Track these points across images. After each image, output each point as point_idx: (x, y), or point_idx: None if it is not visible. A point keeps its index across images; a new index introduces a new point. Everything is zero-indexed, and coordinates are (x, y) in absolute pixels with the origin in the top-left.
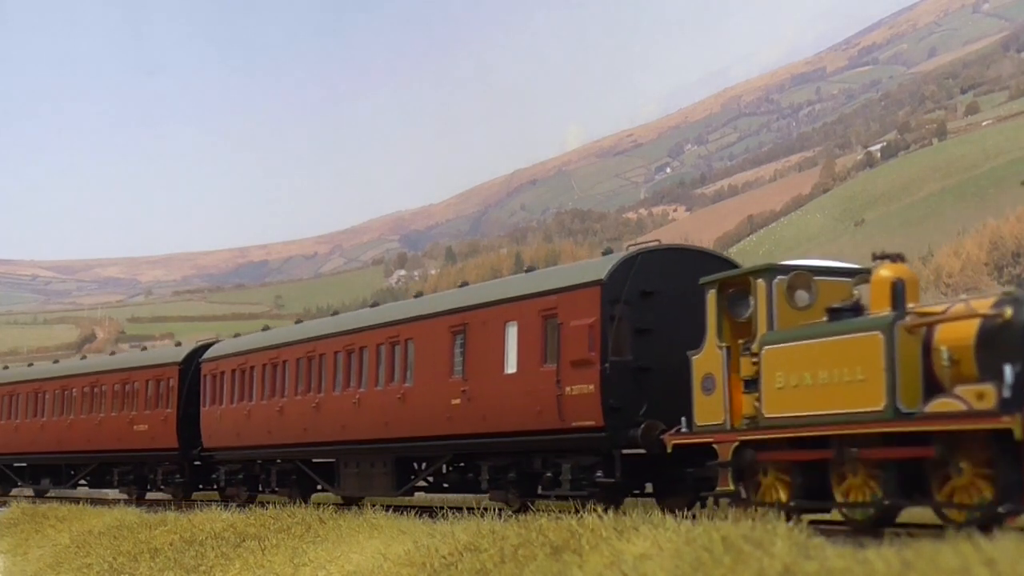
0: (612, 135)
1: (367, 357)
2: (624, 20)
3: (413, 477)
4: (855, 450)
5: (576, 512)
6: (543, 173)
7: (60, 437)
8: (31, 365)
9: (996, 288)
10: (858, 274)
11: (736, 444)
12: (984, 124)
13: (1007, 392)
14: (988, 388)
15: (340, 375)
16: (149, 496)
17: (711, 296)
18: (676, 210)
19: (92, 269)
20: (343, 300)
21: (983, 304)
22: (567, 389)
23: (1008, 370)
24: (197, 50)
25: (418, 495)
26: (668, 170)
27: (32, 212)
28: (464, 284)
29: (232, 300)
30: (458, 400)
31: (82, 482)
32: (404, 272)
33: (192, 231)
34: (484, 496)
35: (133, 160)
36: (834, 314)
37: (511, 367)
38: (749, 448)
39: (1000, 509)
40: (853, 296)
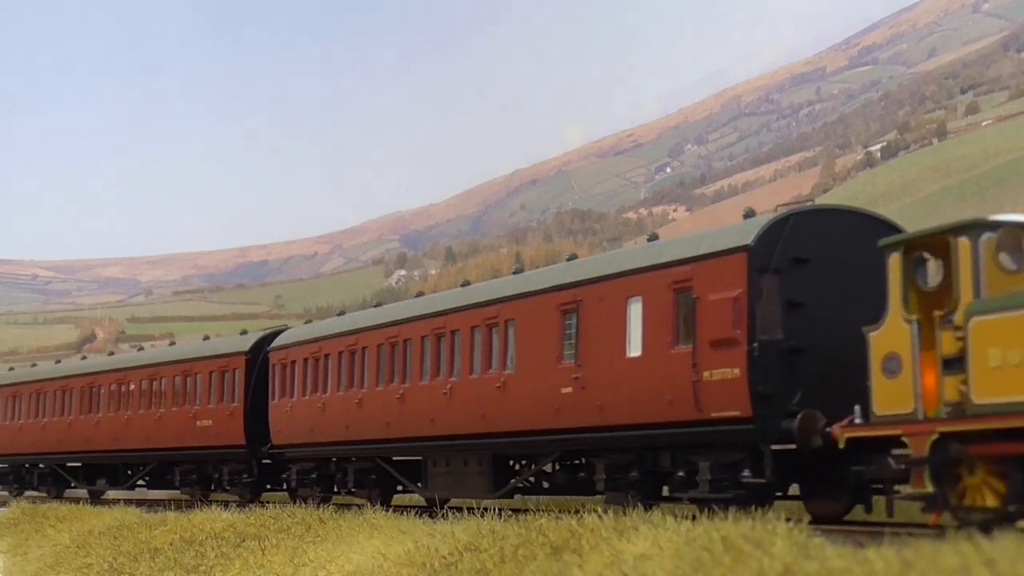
0: (612, 135)
1: (460, 342)
2: (624, 20)
3: (514, 477)
4: None
5: (576, 512)
6: (543, 173)
7: (116, 435)
8: (84, 358)
9: None
10: None
11: (935, 437)
12: (984, 124)
13: None
14: None
15: (428, 362)
16: (213, 497)
17: (894, 260)
18: (676, 210)
19: (92, 269)
20: (343, 300)
21: None
22: (705, 374)
23: None
24: (197, 50)
25: (519, 497)
26: (668, 170)
27: (32, 212)
28: (572, 257)
29: (232, 300)
30: (569, 389)
31: (140, 482)
32: (404, 272)
33: (192, 231)
34: (597, 498)
35: (133, 160)
36: None
37: (635, 350)
38: (953, 441)
39: None
40: None
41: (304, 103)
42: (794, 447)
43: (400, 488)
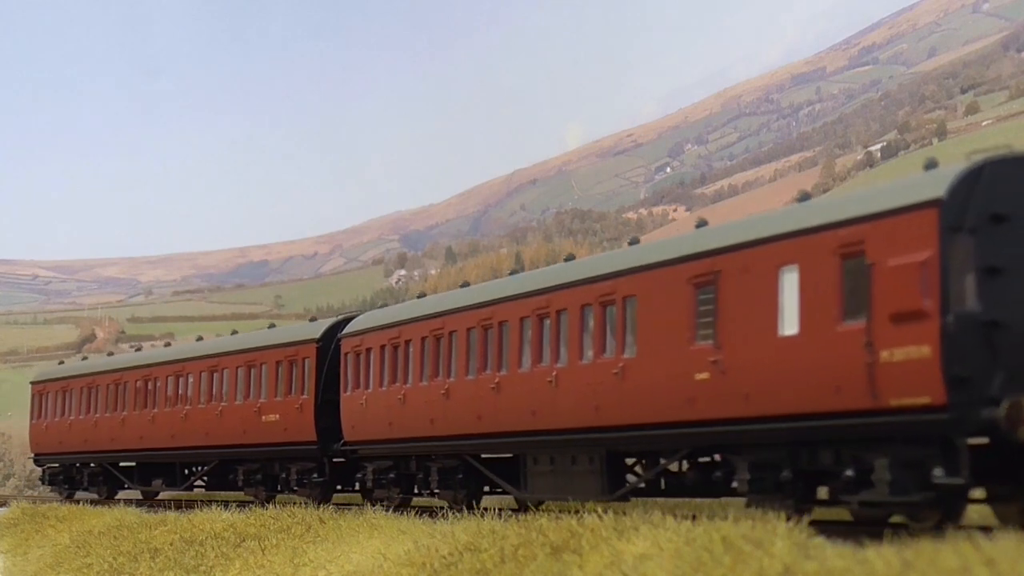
0: (612, 135)
1: (567, 322)
2: (624, 20)
3: (632, 476)
4: None
5: (576, 512)
6: (543, 173)
7: (174, 431)
8: (139, 350)
9: None
10: None
11: None
12: (984, 124)
13: None
14: None
15: (528, 347)
16: (280, 499)
17: None
18: (676, 210)
19: (92, 269)
20: (343, 300)
21: None
22: (883, 354)
23: None
24: (197, 50)
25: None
26: (668, 170)
27: (32, 212)
28: (702, 224)
29: (232, 300)
30: (705, 374)
31: (199, 483)
32: (404, 272)
33: (192, 231)
34: (737, 500)
35: (133, 160)
36: None
37: (789, 327)
38: None
39: None
40: None
41: (304, 103)
42: (987, 442)
43: (493, 489)
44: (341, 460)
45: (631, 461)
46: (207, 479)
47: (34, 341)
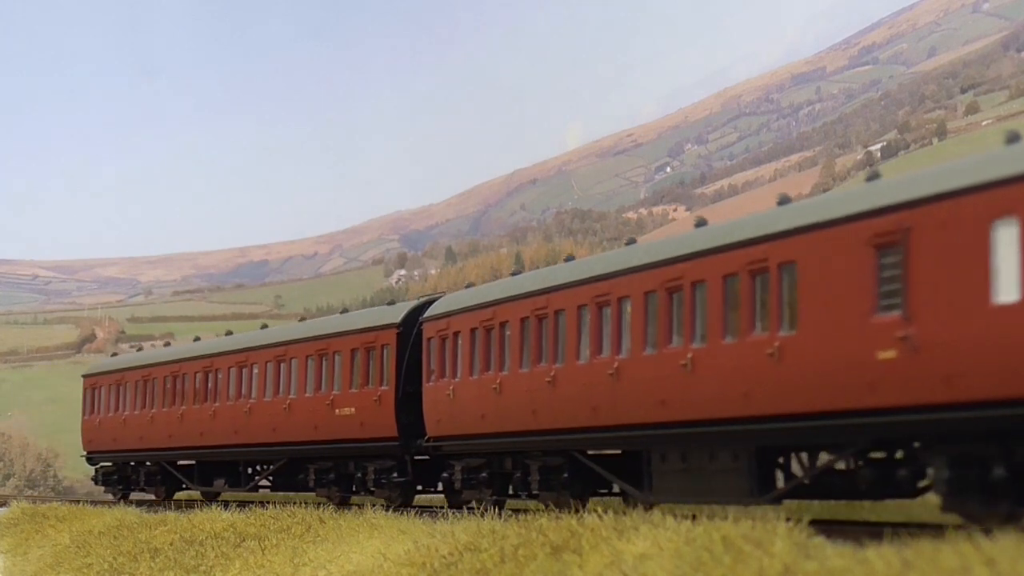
0: (612, 135)
1: (704, 296)
2: (624, 20)
3: (786, 474)
4: None
5: (576, 512)
6: (543, 173)
7: (237, 427)
8: (197, 339)
9: None
10: None
11: None
12: (984, 124)
13: None
14: None
15: (654, 326)
16: (355, 501)
17: None
18: (676, 210)
19: (92, 269)
20: (343, 300)
21: None
22: None
23: None
24: (197, 50)
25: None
26: (668, 170)
27: (32, 212)
28: (702, 223)
29: (232, 300)
30: (891, 352)
31: (264, 482)
32: (404, 272)
33: (192, 231)
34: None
35: (132, 160)
36: None
37: (1008, 293)
38: None
39: None
40: None
41: (304, 103)
42: None
43: (609, 489)
44: (424, 458)
45: (793, 457)
46: (273, 479)
47: (34, 341)
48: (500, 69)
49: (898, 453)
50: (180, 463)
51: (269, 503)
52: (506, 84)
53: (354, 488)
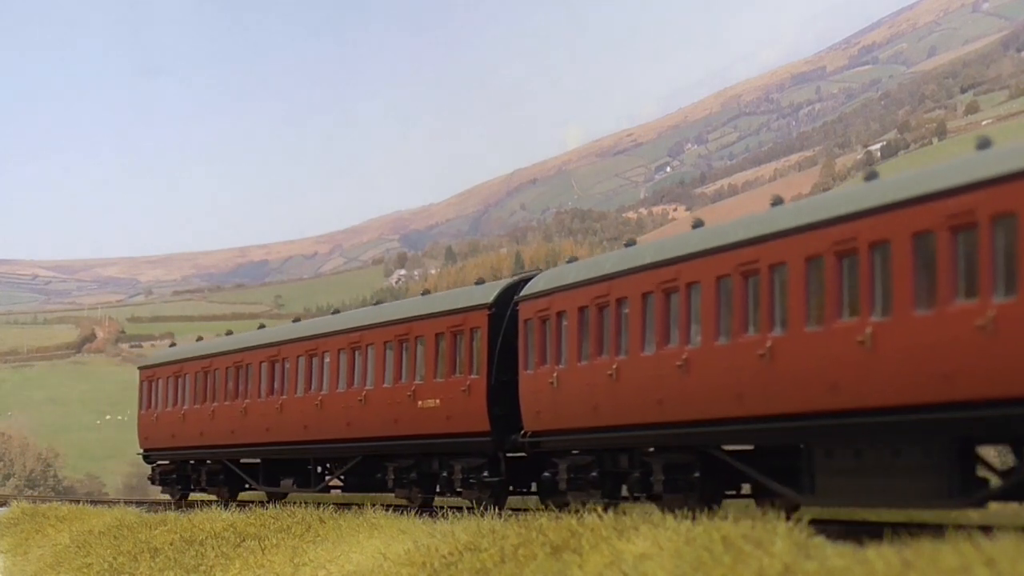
0: (612, 135)
1: (886, 258)
2: (624, 20)
3: (989, 470)
4: None
5: (576, 512)
6: (543, 173)
7: (306, 421)
8: (262, 327)
9: None
10: None
11: None
12: (984, 123)
13: None
14: None
15: (818, 296)
16: (439, 502)
17: None
18: (676, 210)
19: (92, 269)
20: (343, 300)
21: None
22: None
23: None
24: (197, 49)
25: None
26: (668, 169)
27: (32, 212)
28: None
29: (232, 300)
30: None
31: (336, 482)
32: (404, 272)
33: (192, 231)
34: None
35: (133, 160)
36: None
37: None
38: None
39: None
40: None
41: (304, 103)
42: None
43: (750, 491)
44: (520, 455)
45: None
46: (346, 478)
47: (34, 341)
48: (500, 69)
49: None
50: (243, 461)
51: (342, 505)
52: (506, 84)
53: (438, 488)
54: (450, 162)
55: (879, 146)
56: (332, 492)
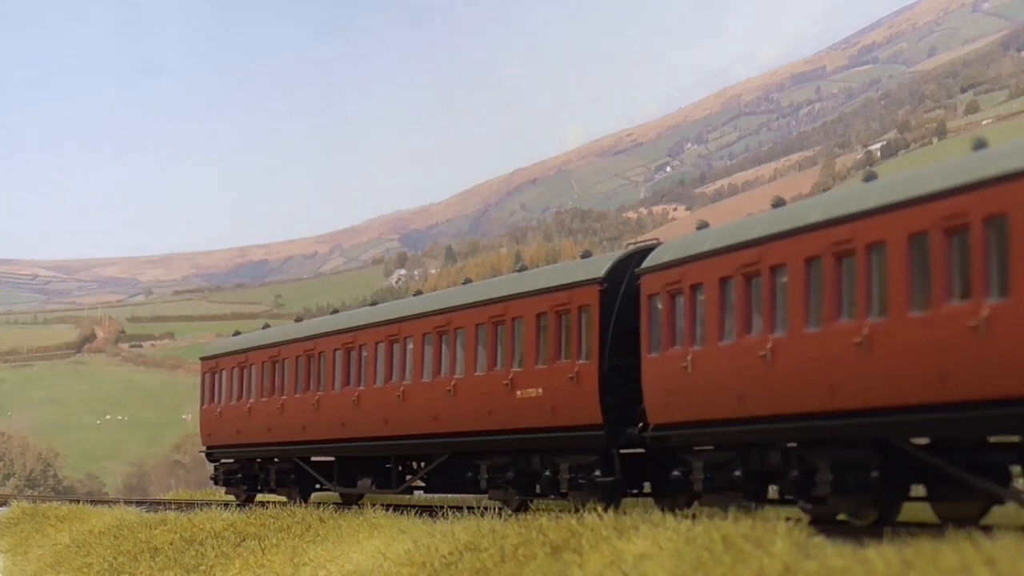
0: (612, 135)
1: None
2: (624, 20)
3: None
4: None
5: (576, 512)
6: (543, 173)
7: (386, 415)
8: (335, 312)
9: None
10: None
11: None
12: (984, 123)
13: None
14: None
15: (974, 272)
16: (537, 505)
17: None
18: (676, 209)
19: (92, 269)
20: (343, 300)
21: None
22: None
23: None
24: (197, 49)
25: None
26: (668, 169)
27: (32, 212)
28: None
29: (232, 300)
30: None
31: (419, 482)
32: (404, 272)
33: (192, 231)
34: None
35: (133, 160)
36: None
37: None
38: None
39: None
40: None
41: (304, 103)
42: None
43: (923, 494)
44: (638, 452)
45: None
46: (431, 478)
47: (34, 341)
48: (500, 69)
49: None
50: (316, 460)
51: (426, 508)
52: (506, 84)
53: (539, 489)
54: (450, 162)
55: (879, 146)
56: (415, 494)
